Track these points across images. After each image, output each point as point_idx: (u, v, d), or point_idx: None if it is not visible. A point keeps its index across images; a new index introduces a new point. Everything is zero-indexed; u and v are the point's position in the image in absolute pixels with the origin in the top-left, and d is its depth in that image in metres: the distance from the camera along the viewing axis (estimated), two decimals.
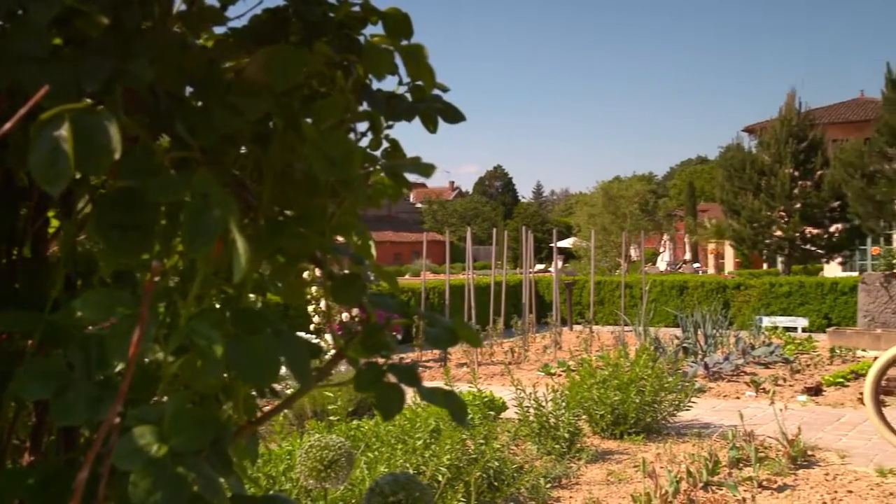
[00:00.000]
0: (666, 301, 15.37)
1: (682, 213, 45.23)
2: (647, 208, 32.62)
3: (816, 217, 20.85)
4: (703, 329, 10.29)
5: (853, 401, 7.17)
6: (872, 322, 12.20)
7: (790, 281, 15.41)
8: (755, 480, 4.59)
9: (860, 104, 32.27)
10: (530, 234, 11.98)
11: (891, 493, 4.45)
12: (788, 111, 21.24)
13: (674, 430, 6.01)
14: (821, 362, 9.88)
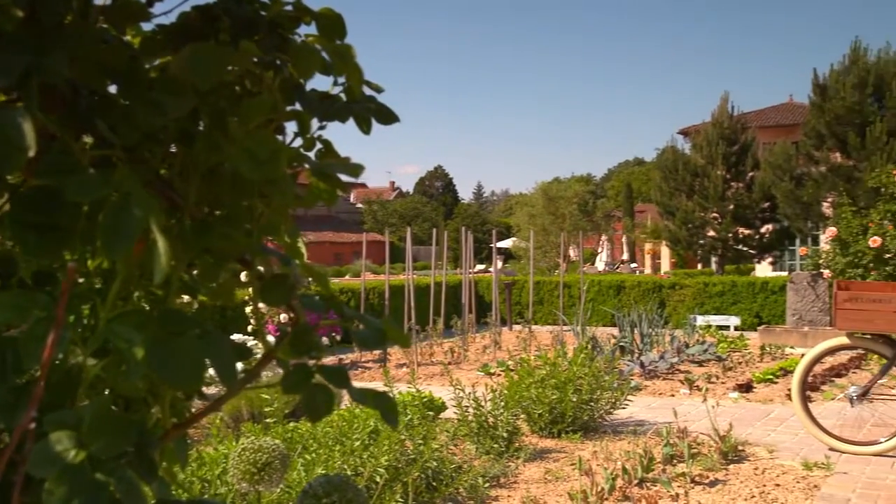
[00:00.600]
0: (604, 301, 15.59)
1: (619, 213, 45.97)
2: (586, 209, 33.05)
3: (748, 218, 21.39)
4: (640, 328, 10.47)
5: (782, 397, 7.37)
6: (800, 320, 12.56)
7: (723, 280, 15.77)
8: (688, 476, 4.69)
9: (789, 108, 33.21)
10: (470, 235, 12.03)
11: (815, 486, 4.59)
12: (721, 114, 21.74)
13: (610, 428, 6.10)
14: (752, 360, 10.14)
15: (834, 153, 17.05)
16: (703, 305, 15.13)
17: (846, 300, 5.22)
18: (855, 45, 17.01)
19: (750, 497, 4.40)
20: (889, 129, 15.73)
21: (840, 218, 11.69)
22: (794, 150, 18.78)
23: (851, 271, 10.76)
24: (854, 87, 16.35)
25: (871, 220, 10.69)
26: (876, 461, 5.09)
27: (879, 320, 5.12)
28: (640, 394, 7.72)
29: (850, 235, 10.93)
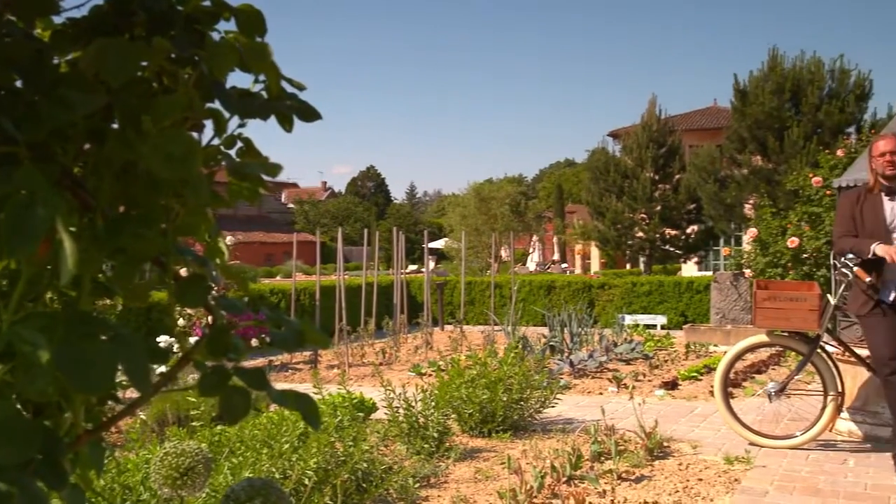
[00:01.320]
0: (534, 300, 15.75)
1: (550, 214, 46.53)
2: (518, 210, 33.34)
3: (674, 219, 21.89)
4: (570, 327, 10.62)
5: (705, 394, 7.57)
6: (723, 319, 12.91)
7: (650, 280, 16.10)
8: (615, 473, 4.77)
9: (713, 112, 34.13)
10: (402, 235, 12.01)
11: (736, 480, 4.72)
12: (649, 117, 22.20)
13: (540, 427, 6.16)
14: (677, 358, 10.37)
15: (755, 156, 17.57)
16: (631, 305, 15.41)
17: (765, 299, 5.39)
18: (772, 52, 17.56)
19: (674, 492, 4.50)
20: (805, 134, 16.28)
21: (760, 219, 12.06)
22: (718, 153, 19.27)
23: (771, 271, 11.11)
24: (772, 93, 16.88)
25: (789, 222, 11.06)
26: (792, 454, 5.26)
27: (796, 318, 5.30)
28: (570, 392, 7.83)
29: (770, 236, 11.29)
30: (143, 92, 0.87)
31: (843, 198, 5.34)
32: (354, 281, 13.58)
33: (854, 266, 4.93)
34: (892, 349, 4.78)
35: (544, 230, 40.24)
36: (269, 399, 0.96)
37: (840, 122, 16.36)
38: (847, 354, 5.46)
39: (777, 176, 16.28)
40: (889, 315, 4.87)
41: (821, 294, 5.42)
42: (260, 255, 43.83)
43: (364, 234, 12.35)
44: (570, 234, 32.85)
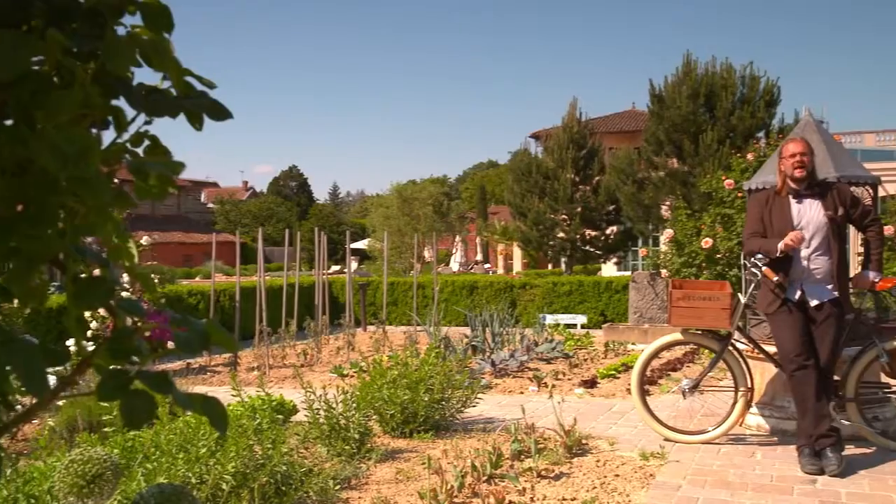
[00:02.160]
0: (457, 301, 15.82)
1: (473, 215, 46.83)
2: (441, 210, 33.44)
3: (594, 220, 22.27)
4: (491, 327, 10.70)
5: (623, 391, 7.73)
6: (641, 318, 13.21)
7: (571, 280, 16.35)
8: (535, 470, 4.83)
9: (632, 115, 34.89)
10: (324, 236, 11.91)
11: (651, 475, 4.84)
12: (570, 119, 22.54)
13: (461, 427, 6.19)
14: (597, 356, 10.56)
15: (671, 159, 18.02)
16: (552, 304, 15.62)
17: (679, 298, 5.53)
18: (686, 58, 18.06)
19: (592, 488, 4.58)
20: (719, 138, 16.79)
21: (676, 220, 12.37)
22: (637, 155, 19.69)
23: (686, 271, 11.41)
24: (688, 98, 17.36)
25: (703, 223, 11.37)
26: (705, 449, 5.42)
27: (708, 317, 5.46)
28: (491, 392, 7.89)
29: (685, 237, 11.59)
30: (40, 87, 0.84)
31: (753, 200, 5.52)
32: (276, 282, 13.40)
33: (763, 266, 5.11)
34: (797, 346, 4.97)
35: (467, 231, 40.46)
36: (174, 403, 0.94)
37: (751, 126, 16.93)
38: (756, 351, 5.66)
39: (692, 178, 16.73)
40: (795, 313, 5.06)
41: (732, 293, 5.59)
42: (178, 255, 42.79)
43: (286, 234, 12.20)
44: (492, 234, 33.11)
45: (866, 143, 33.98)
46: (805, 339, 5.02)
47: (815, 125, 6.34)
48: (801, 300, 5.08)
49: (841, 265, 5.12)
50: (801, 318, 5.07)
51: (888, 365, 5.32)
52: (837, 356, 5.16)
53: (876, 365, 5.39)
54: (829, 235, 5.08)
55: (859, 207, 5.28)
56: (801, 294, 5.08)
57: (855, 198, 5.36)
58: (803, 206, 5.14)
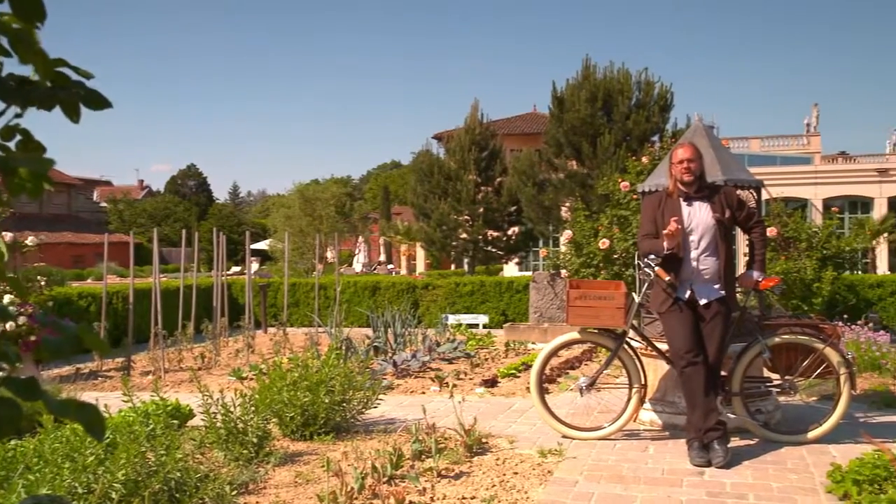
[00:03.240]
0: (359, 302, 15.74)
1: (377, 215, 46.72)
2: (344, 211, 33.21)
3: (496, 221, 22.55)
4: (394, 328, 10.70)
5: (523, 390, 7.84)
6: (541, 317, 13.44)
7: (473, 281, 16.50)
8: (435, 470, 4.85)
9: (533, 118, 35.53)
10: (223, 236, 11.66)
11: (549, 471, 4.93)
12: (472, 121, 22.76)
13: (362, 428, 6.16)
14: (498, 356, 10.69)
15: (571, 161, 18.42)
16: (454, 305, 15.73)
17: (576, 298, 5.65)
18: (586, 62, 18.51)
19: (491, 486, 4.63)
20: (616, 141, 17.26)
21: (575, 222, 12.64)
22: (538, 157, 20.04)
23: (585, 271, 11.67)
24: (586, 101, 17.79)
25: (600, 224, 11.65)
26: (601, 445, 5.56)
27: (604, 316, 5.60)
28: (393, 392, 7.88)
29: (584, 238, 11.85)
30: None
31: (646, 201, 5.69)
32: (173, 283, 13.03)
33: (655, 266, 5.28)
34: (687, 343, 5.16)
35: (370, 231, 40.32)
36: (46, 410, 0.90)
37: (646, 130, 17.47)
38: (650, 349, 5.84)
39: (590, 180, 17.16)
40: (685, 312, 5.25)
41: (626, 293, 5.75)
42: (68, 256, 41.08)
43: (183, 234, 11.88)
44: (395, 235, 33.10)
45: (752, 148, 35.59)
46: (695, 336, 5.21)
47: (705, 130, 6.58)
48: (691, 299, 5.27)
49: (728, 265, 5.33)
50: (691, 316, 5.26)
51: (770, 360, 5.58)
52: (724, 353, 5.38)
53: (759, 360, 5.64)
54: (717, 237, 5.28)
55: (745, 210, 5.52)
56: (691, 293, 5.27)
57: (741, 200, 5.60)
58: (693, 208, 5.33)
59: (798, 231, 11.84)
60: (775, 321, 5.74)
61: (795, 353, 5.64)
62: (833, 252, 11.97)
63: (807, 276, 11.32)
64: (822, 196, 27.37)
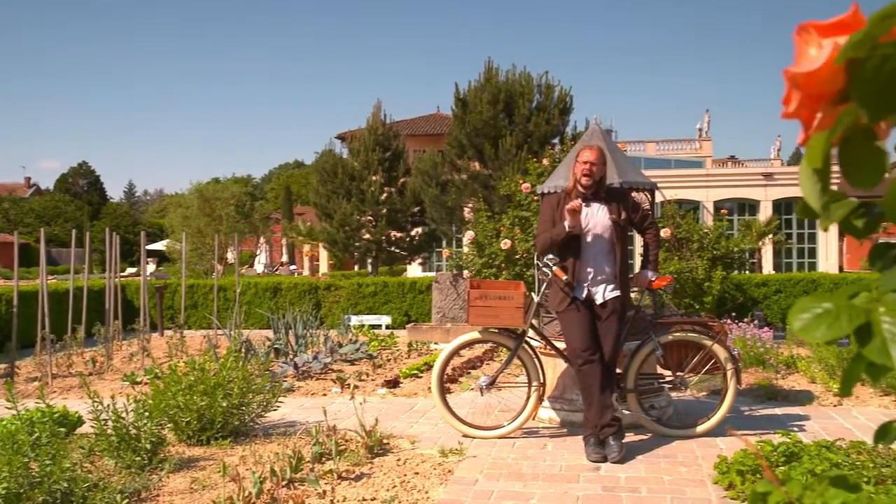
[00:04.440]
0: (260, 303, 15.47)
1: (279, 216, 46.03)
2: (244, 211, 32.57)
3: (400, 221, 22.54)
4: (295, 329, 10.55)
5: (425, 390, 7.86)
6: (444, 317, 13.51)
7: (376, 281, 16.45)
8: (335, 473, 4.81)
9: (436, 119, 35.68)
10: (116, 237, 11.26)
11: (449, 471, 4.95)
12: (375, 121, 22.69)
13: (262, 431, 6.06)
14: (400, 356, 10.68)
15: (473, 162, 18.58)
16: (357, 306, 15.64)
17: (477, 298, 5.71)
18: (488, 64, 18.72)
19: (392, 487, 4.62)
20: (517, 143, 17.51)
21: (478, 222, 12.76)
22: (441, 158, 20.13)
23: (487, 271, 11.79)
24: (488, 103, 17.98)
25: (502, 225, 11.80)
26: (501, 443, 5.63)
27: (504, 315, 5.67)
28: (294, 395, 7.78)
29: (486, 239, 11.98)
30: None
31: (546, 201, 5.79)
32: (62, 285, 12.51)
33: (553, 266, 5.38)
34: (584, 342, 5.27)
35: (272, 232, 39.66)
36: None
37: (546, 132, 17.79)
38: (548, 348, 5.94)
39: (493, 181, 17.34)
40: (582, 311, 5.37)
41: (525, 293, 5.84)
42: None
43: (73, 234, 11.41)
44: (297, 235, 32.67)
45: (648, 151, 36.73)
46: (591, 335, 5.33)
47: (602, 133, 6.74)
48: (588, 299, 5.39)
49: (623, 266, 5.48)
50: (588, 315, 5.38)
51: (663, 357, 5.76)
52: (620, 350, 5.53)
53: (652, 358, 5.82)
54: (614, 238, 5.42)
55: (639, 212, 5.68)
56: (588, 293, 5.39)
57: (636, 202, 5.76)
58: (591, 208, 5.45)
59: (690, 232, 12.28)
60: (667, 319, 5.93)
61: (686, 350, 5.85)
62: (722, 252, 12.47)
63: (698, 275, 11.76)
64: (713, 198, 28.46)
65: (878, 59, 0.58)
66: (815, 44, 0.69)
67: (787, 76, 0.71)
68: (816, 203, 0.69)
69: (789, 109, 0.72)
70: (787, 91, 0.72)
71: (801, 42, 0.71)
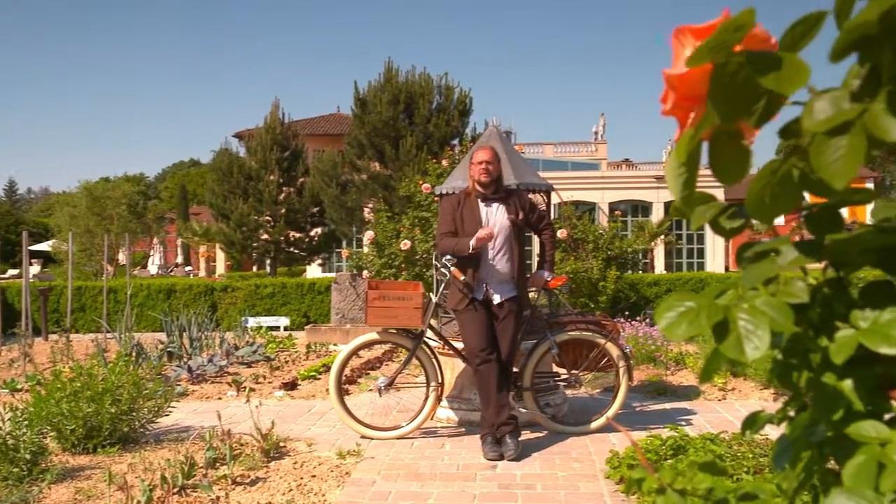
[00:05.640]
0: (153, 305, 15.00)
1: (173, 215, 44.73)
2: (137, 210, 31.52)
3: (299, 222, 22.28)
4: (189, 332, 10.27)
5: (323, 392, 7.79)
6: (343, 318, 13.42)
7: (274, 282, 16.20)
8: (230, 478, 4.70)
9: (337, 119, 35.42)
10: None
11: (347, 473, 4.92)
12: (273, 120, 22.35)
13: (153, 438, 5.87)
14: (298, 358, 10.55)
15: (373, 163, 18.54)
16: (254, 307, 15.37)
17: (375, 298, 5.68)
18: (388, 64, 18.70)
19: (288, 491, 4.55)
20: (417, 143, 17.57)
21: (377, 223, 12.73)
22: (340, 158, 20.00)
23: (387, 272, 11.78)
24: (389, 103, 17.97)
25: (402, 225, 11.81)
26: (399, 444, 5.62)
27: (402, 316, 5.67)
28: (187, 399, 7.57)
29: (386, 239, 11.96)
30: None
31: (445, 202, 5.82)
32: None
33: (451, 266, 5.41)
34: (482, 341, 5.32)
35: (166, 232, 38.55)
36: None
37: (446, 133, 17.91)
38: (447, 348, 5.97)
39: (393, 182, 17.34)
40: (480, 311, 5.42)
41: (423, 293, 5.85)
42: None
43: None
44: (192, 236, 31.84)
45: (546, 153, 37.44)
46: (489, 335, 5.39)
47: (499, 135, 6.83)
48: (486, 298, 5.44)
49: (521, 266, 5.56)
50: (486, 315, 5.44)
51: (558, 356, 5.88)
52: (517, 349, 5.61)
53: (548, 356, 5.93)
54: (512, 238, 5.49)
55: (536, 212, 5.77)
56: (486, 293, 5.44)
57: (532, 203, 5.85)
58: (490, 209, 5.50)
59: (586, 233, 12.58)
60: (563, 319, 6.05)
61: (581, 349, 5.98)
62: (617, 253, 12.83)
63: (593, 275, 12.06)
64: (608, 200, 29.25)
65: (735, 66, 0.61)
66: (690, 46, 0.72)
67: (664, 77, 0.73)
68: (678, 195, 0.72)
69: (666, 108, 0.75)
70: (664, 91, 0.75)
71: (678, 44, 0.74)
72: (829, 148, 0.55)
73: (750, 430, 0.90)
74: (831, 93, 0.57)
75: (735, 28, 0.59)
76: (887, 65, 0.53)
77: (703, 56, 0.61)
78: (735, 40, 0.60)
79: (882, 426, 0.65)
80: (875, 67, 0.54)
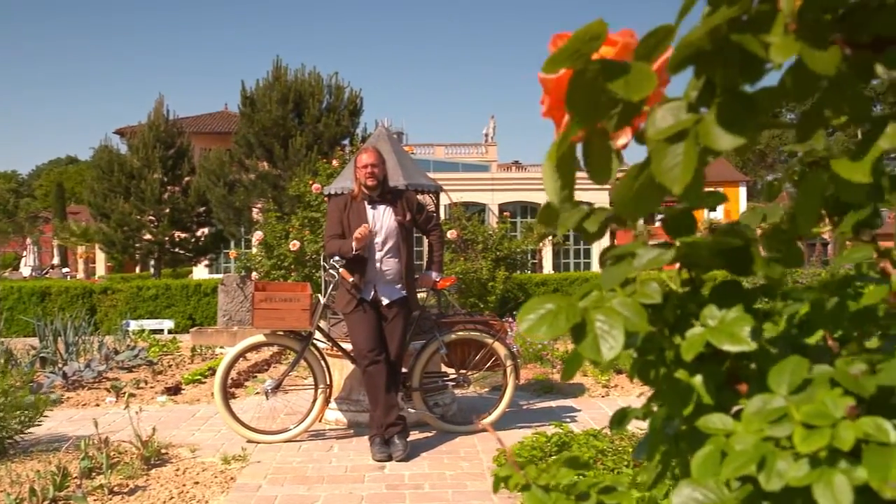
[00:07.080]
0: (25, 309, 14.28)
1: (49, 215, 42.69)
2: (8, 209, 29.94)
3: (184, 222, 21.64)
4: (65, 337, 9.83)
5: (208, 396, 7.59)
6: (230, 321, 13.12)
7: (157, 284, 15.69)
8: (107, 487, 4.52)
9: (224, 117, 34.62)
10: None
11: (232, 478, 4.81)
12: (157, 117, 21.64)
13: (22, 448, 5.57)
14: (183, 362, 10.25)
15: (262, 162, 18.20)
16: (136, 310, 14.86)
17: (262, 300, 5.59)
18: (276, 63, 18.41)
19: (169, 499, 4.41)
20: (308, 143, 17.37)
21: (266, 223, 12.52)
22: (228, 157, 19.55)
23: (276, 273, 11.60)
24: (278, 103, 17.69)
25: (292, 226, 11.65)
26: (286, 447, 5.54)
27: (290, 318, 5.59)
28: (62, 406, 7.24)
29: (275, 240, 11.78)
30: None
31: (333, 203, 5.77)
32: None
33: (340, 267, 5.38)
34: (370, 343, 5.31)
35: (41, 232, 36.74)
36: None
37: (336, 133, 17.77)
38: (335, 349, 5.93)
39: (282, 182, 17.07)
40: (369, 312, 5.40)
41: (311, 294, 5.79)
42: None
43: None
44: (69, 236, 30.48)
45: (437, 154, 37.69)
46: (377, 336, 5.38)
47: (388, 136, 6.82)
48: (375, 300, 5.43)
49: (409, 266, 5.57)
50: (375, 316, 5.42)
51: (447, 356, 5.92)
52: (405, 350, 5.62)
53: (437, 356, 5.97)
54: (399, 239, 5.50)
55: (424, 213, 5.80)
56: (375, 294, 5.43)
57: (420, 204, 5.88)
58: (377, 211, 5.50)
59: (476, 234, 12.73)
60: (451, 319, 6.10)
61: (469, 348, 6.04)
62: (506, 253, 13.04)
63: (483, 275, 12.22)
64: (498, 201, 29.70)
65: (593, 73, 0.63)
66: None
67: (539, 80, 0.75)
68: (553, 197, 0.74)
69: (544, 111, 0.77)
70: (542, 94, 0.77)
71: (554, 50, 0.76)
72: (668, 155, 0.58)
73: (618, 426, 0.93)
74: (672, 103, 0.60)
75: (590, 37, 0.61)
76: (720, 78, 0.56)
77: (561, 62, 0.63)
78: (590, 49, 0.62)
79: (728, 418, 0.69)
80: (710, 80, 0.57)
